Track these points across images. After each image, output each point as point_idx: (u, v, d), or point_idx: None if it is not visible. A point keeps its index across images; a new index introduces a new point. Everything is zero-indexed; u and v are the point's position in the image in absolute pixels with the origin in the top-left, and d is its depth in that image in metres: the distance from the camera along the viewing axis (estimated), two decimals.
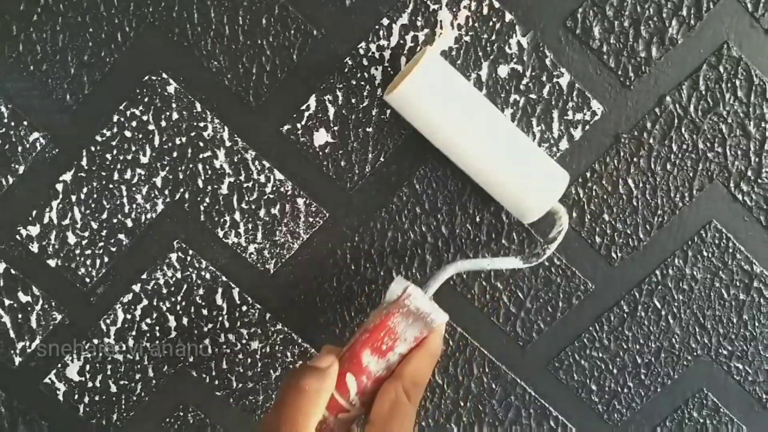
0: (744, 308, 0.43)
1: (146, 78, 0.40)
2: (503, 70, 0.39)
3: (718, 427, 0.45)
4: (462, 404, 0.44)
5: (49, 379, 0.44)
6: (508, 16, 0.39)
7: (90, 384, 0.44)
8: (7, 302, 0.43)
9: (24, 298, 0.43)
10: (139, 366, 0.44)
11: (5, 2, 0.39)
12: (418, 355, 0.36)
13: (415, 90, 0.36)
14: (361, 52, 0.39)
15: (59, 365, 0.44)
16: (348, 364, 0.35)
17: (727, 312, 0.43)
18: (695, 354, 0.44)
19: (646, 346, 0.43)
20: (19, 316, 0.43)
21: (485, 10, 0.38)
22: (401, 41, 0.39)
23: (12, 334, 0.43)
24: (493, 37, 0.39)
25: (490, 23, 0.39)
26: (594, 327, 0.43)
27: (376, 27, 0.39)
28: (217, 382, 0.44)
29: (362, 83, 0.40)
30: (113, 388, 0.44)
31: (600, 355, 0.43)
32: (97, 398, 0.44)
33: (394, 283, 0.36)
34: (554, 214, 0.39)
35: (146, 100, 0.40)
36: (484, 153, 0.37)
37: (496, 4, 0.39)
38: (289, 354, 0.44)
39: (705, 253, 0.42)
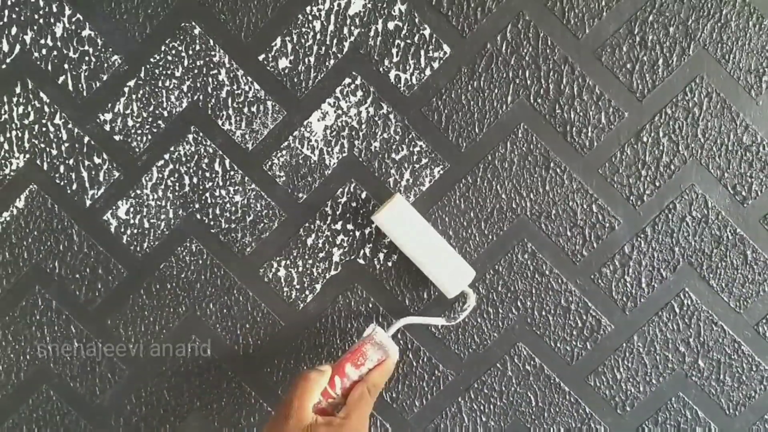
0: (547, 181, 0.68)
1: (182, 24, 0.68)
2: (391, 25, 0.67)
3: (534, 265, 0.69)
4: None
5: (107, 216, 0.70)
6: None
7: (132, 221, 0.70)
8: (86, 162, 0.69)
9: (97, 160, 0.69)
10: (164, 209, 0.69)
11: None
12: (378, 369, 0.61)
13: (388, 217, 0.65)
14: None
15: (114, 207, 0.70)
16: (337, 371, 0.60)
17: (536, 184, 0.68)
18: (517, 213, 0.68)
19: (482, 209, 0.68)
20: (93, 172, 0.69)
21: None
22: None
23: (87, 184, 0.69)
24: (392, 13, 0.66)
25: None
26: None
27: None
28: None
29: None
30: (146, 224, 0.70)
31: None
32: (135, 231, 0.70)
33: (369, 327, 0.63)
34: (466, 294, 0.67)
35: (182, 37, 0.68)
36: (427, 256, 0.66)
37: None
38: None
39: (515, 148, 0.67)
